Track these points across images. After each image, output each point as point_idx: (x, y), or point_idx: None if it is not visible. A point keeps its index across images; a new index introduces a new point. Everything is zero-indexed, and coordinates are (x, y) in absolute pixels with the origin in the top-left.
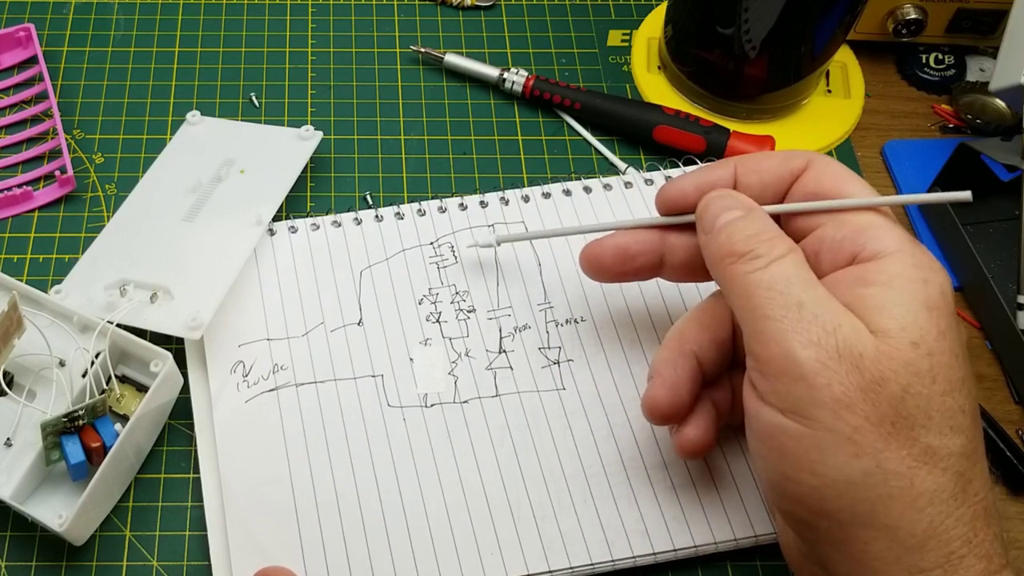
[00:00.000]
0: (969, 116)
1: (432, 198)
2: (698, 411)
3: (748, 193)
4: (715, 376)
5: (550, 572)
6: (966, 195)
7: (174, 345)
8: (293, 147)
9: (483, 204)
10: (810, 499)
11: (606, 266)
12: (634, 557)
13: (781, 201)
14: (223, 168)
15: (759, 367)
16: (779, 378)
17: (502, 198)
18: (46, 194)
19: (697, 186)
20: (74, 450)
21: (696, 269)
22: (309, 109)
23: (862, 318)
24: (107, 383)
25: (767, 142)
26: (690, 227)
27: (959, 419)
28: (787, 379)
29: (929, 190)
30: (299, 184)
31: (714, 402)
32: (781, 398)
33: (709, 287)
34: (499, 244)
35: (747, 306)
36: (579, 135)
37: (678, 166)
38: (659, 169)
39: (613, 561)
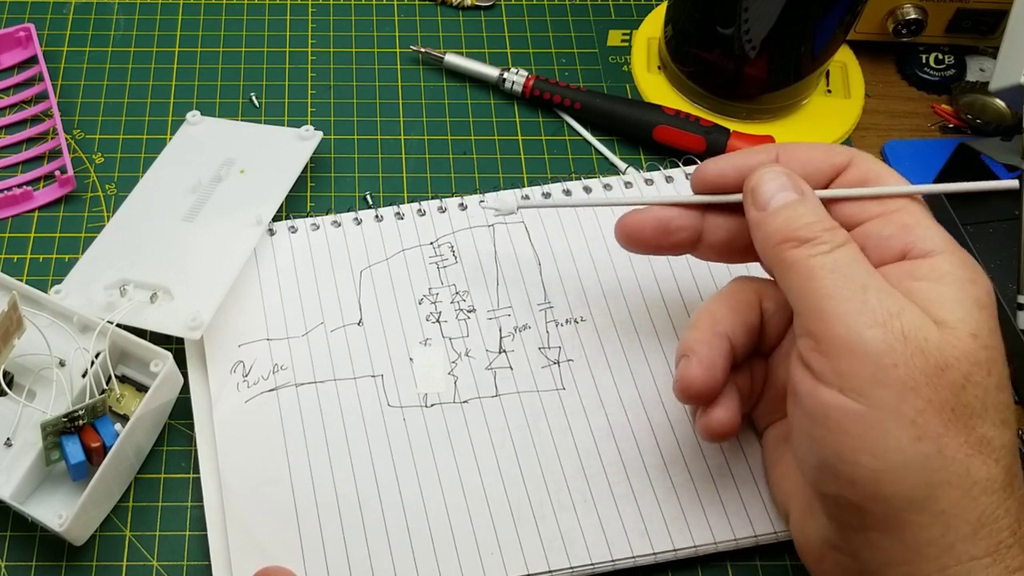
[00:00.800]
0: (969, 116)
1: (432, 198)
2: (725, 394)
3: None
4: (741, 362)
5: (550, 572)
6: (1012, 183)
7: (174, 345)
8: (293, 147)
9: (483, 204)
10: (867, 482)
11: (645, 238)
12: (634, 557)
13: None
14: (223, 168)
15: (819, 347)
16: (842, 357)
17: None
18: (46, 194)
19: (737, 169)
20: (74, 450)
21: (734, 250)
22: (309, 109)
23: (921, 309)
24: (107, 383)
25: (767, 142)
26: (729, 208)
27: (1008, 414)
28: (852, 358)
29: None
30: (299, 184)
31: (738, 387)
32: (843, 378)
33: (717, 278)
34: (518, 211)
35: (808, 287)
36: (579, 135)
37: (678, 166)
38: (659, 169)
39: (613, 561)
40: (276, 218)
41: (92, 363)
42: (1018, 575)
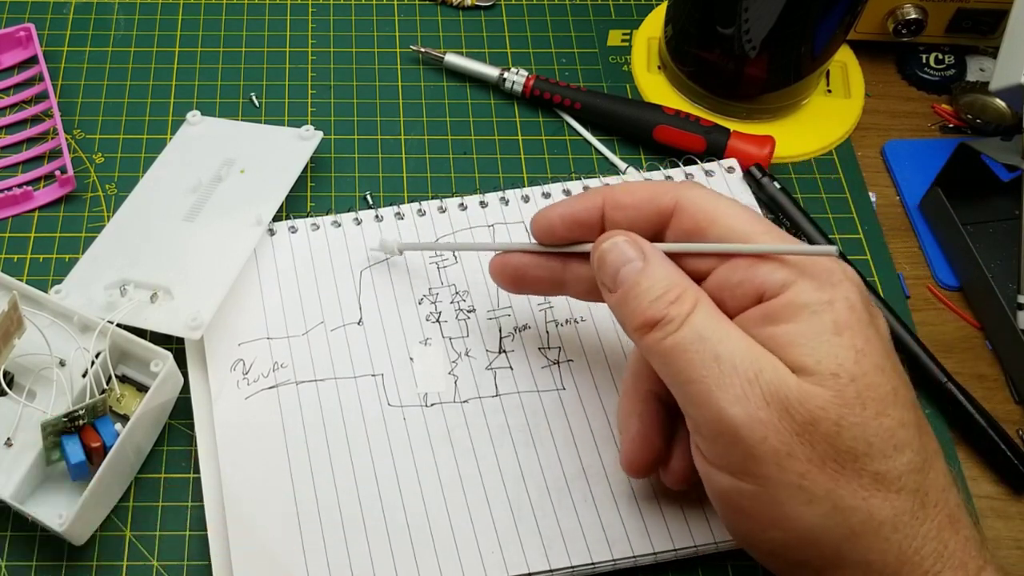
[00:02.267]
0: (969, 116)
1: (432, 198)
2: (677, 442)
3: (616, 227)
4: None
5: (551, 571)
6: (832, 249)
7: (174, 345)
8: (293, 147)
9: (483, 204)
10: (781, 552)
11: (507, 279)
12: (634, 557)
13: (654, 237)
14: (223, 168)
15: (698, 430)
16: (717, 440)
17: (502, 198)
18: (46, 194)
19: (562, 218)
20: (74, 450)
21: (598, 293)
22: (309, 109)
23: (780, 358)
24: (107, 383)
25: (767, 142)
26: (583, 255)
27: (899, 435)
28: (725, 440)
29: (929, 190)
30: (299, 184)
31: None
32: (726, 460)
33: None
34: (401, 252)
35: (669, 372)
36: (579, 135)
37: (678, 166)
38: (659, 169)
39: (614, 561)
40: (276, 218)
41: (92, 363)
42: None
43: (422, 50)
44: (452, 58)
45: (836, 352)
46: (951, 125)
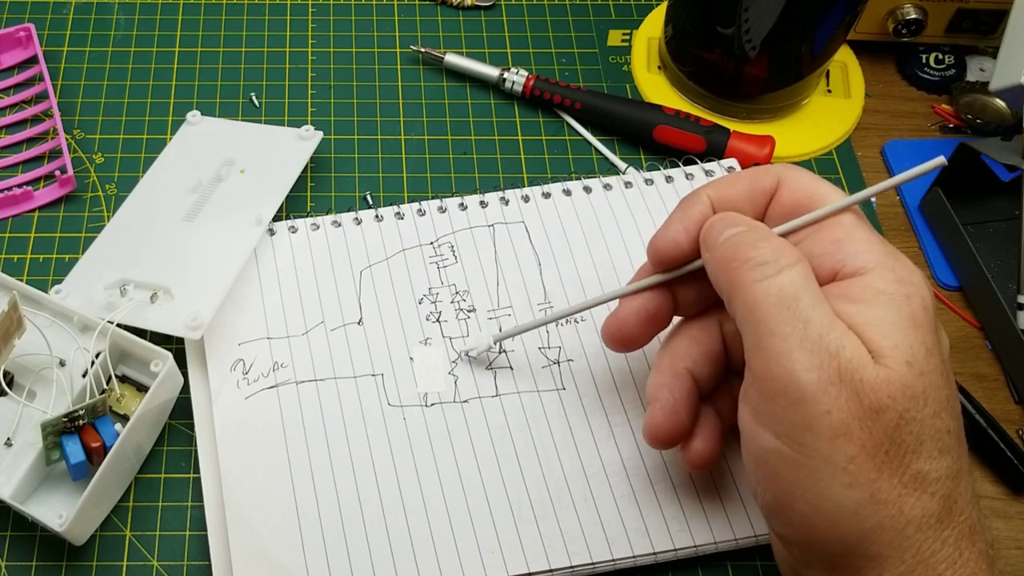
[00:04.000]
0: (969, 116)
1: (432, 198)
2: (702, 424)
3: None
4: (711, 389)
5: (551, 571)
6: (939, 160)
7: (174, 345)
8: (293, 147)
9: (483, 204)
10: (802, 526)
11: (636, 335)
12: (634, 557)
13: (761, 221)
14: (223, 168)
15: (757, 384)
16: (777, 399)
17: (502, 198)
18: (46, 194)
19: (686, 230)
20: (74, 450)
21: (709, 301)
22: (309, 109)
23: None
24: (107, 383)
25: (767, 142)
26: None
27: (946, 440)
28: (785, 401)
29: (929, 190)
30: (299, 184)
31: (717, 410)
32: (777, 421)
33: None
34: (496, 343)
35: (751, 319)
36: (579, 135)
37: (678, 166)
38: (659, 169)
39: (614, 560)
40: (276, 218)
41: (92, 363)
42: None
43: (422, 50)
44: (452, 58)
45: (911, 343)
46: (951, 125)
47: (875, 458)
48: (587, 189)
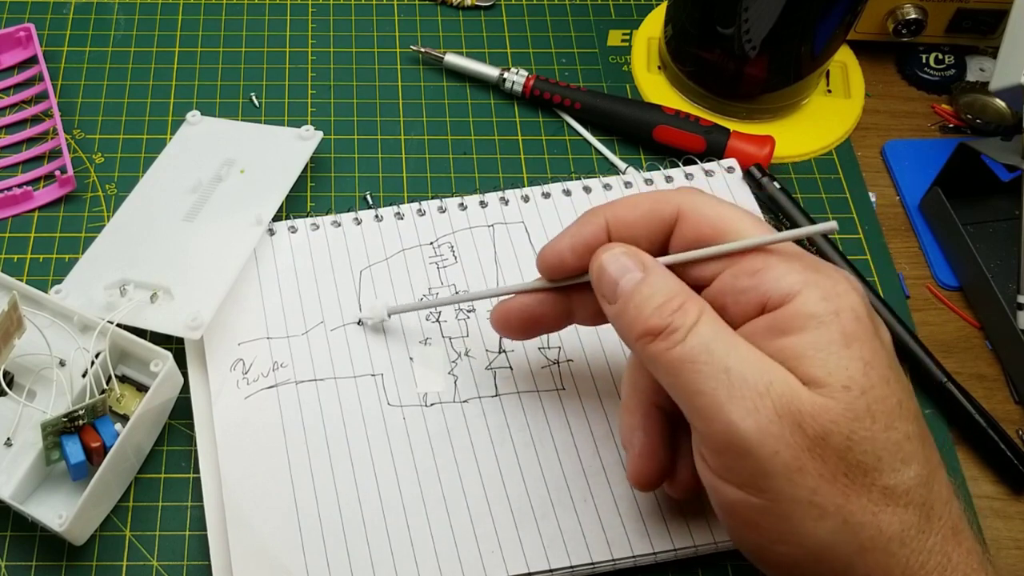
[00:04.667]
0: (969, 116)
1: (432, 198)
2: (682, 453)
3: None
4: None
5: (550, 571)
6: (831, 226)
7: (174, 345)
8: (293, 147)
9: (483, 204)
10: (789, 567)
11: (514, 328)
12: (634, 557)
13: (660, 250)
14: (223, 168)
15: (705, 442)
16: (726, 453)
17: (502, 198)
18: (46, 194)
19: (573, 248)
20: (74, 450)
21: (604, 316)
22: (309, 109)
23: (789, 370)
24: (107, 383)
25: (767, 142)
26: (587, 285)
27: (906, 448)
28: (733, 454)
29: (929, 190)
30: (299, 184)
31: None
32: (734, 473)
33: None
34: (389, 316)
35: (675, 384)
36: (579, 135)
37: (678, 166)
38: (659, 169)
39: (613, 561)
40: (276, 218)
41: (92, 363)
42: None
43: (422, 50)
44: (452, 58)
45: (846, 364)
46: (951, 125)
47: (836, 484)
48: (587, 189)
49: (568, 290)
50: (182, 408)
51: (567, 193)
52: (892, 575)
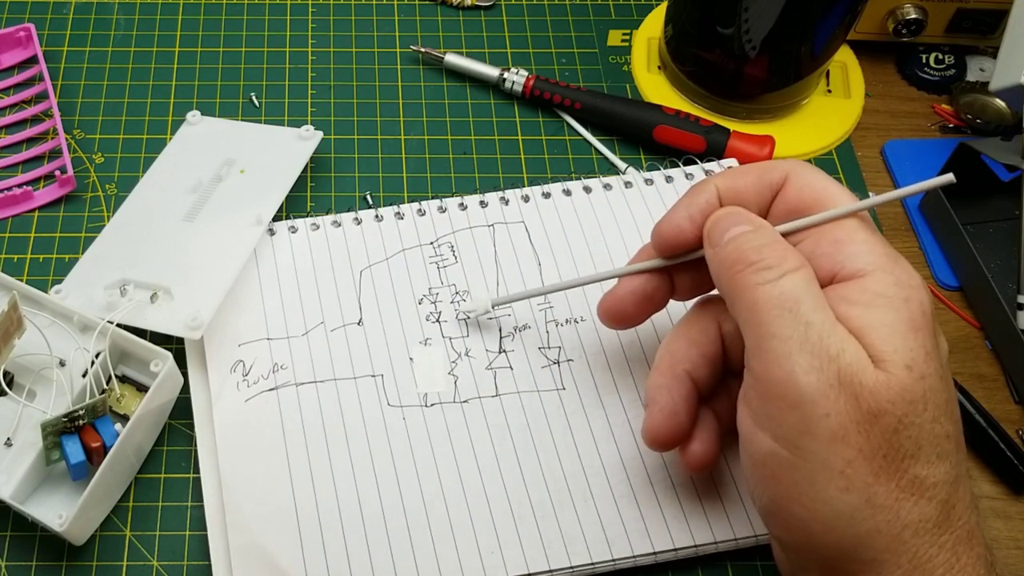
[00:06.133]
0: (969, 116)
1: (432, 198)
2: (700, 426)
3: None
4: (710, 391)
5: (550, 571)
6: (948, 178)
7: (174, 345)
8: (293, 147)
9: (483, 204)
10: (797, 529)
11: (631, 313)
12: (634, 557)
13: (765, 216)
14: (223, 168)
15: (757, 386)
16: (775, 401)
17: (502, 198)
18: (46, 194)
19: (691, 218)
20: (74, 450)
21: (704, 287)
22: (309, 109)
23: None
24: (107, 383)
25: (767, 142)
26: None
27: (944, 445)
28: (784, 404)
29: (929, 190)
30: (299, 184)
31: (715, 412)
32: (776, 423)
33: None
34: (494, 307)
35: (753, 321)
36: (579, 135)
37: (678, 166)
38: (659, 169)
39: (613, 561)
40: (276, 218)
41: (92, 363)
42: None
43: (422, 50)
44: (452, 58)
45: (911, 347)
46: (951, 125)
47: (872, 462)
48: (587, 189)
49: (672, 269)
50: (182, 408)
51: (567, 193)
52: (898, 562)
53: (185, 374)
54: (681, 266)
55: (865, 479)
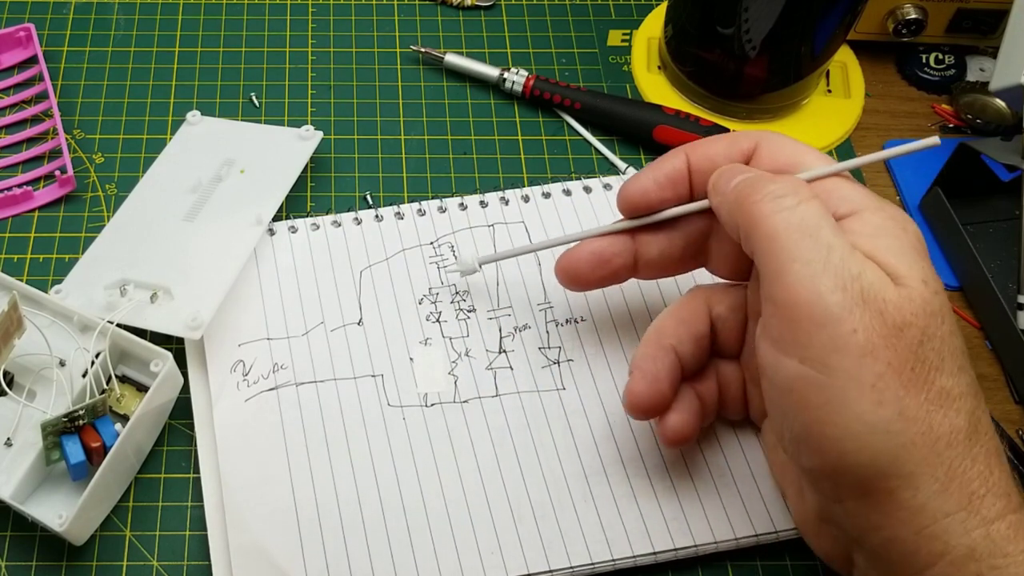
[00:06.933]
0: (969, 116)
1: (432, 198)
2: (680, 400)
3: (702, 179)
4: (695, 370)
5: (550, 571)
6: (933, 140)
7: (174, 345)
8: (293, 147)
9: (483, 204)
10: (833, 452)
11: (583, 274)
12: (634, 557)
13: None
14: (223, 168)
15: (780, 312)
16: (802, 323)
17: (502, 198)
18: (46, 194)
19: (655, 180)
20: (74, 450)
21: (669, 264)
22: (309, 109)
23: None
24: (107, 383)
25: None
26: (658, 226)
27: (962, 359)
28: (811, 325)
29: (929, 190)
30: (299, 184)
31: (699, 394)
32: (802, 346)
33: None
34: (481, 267)
35: (773, 247)
36: (579, 135)
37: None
38: None
39: (613, 561)
40: (276, 218)
41: (92, 363)
42: (996, 524)
43: (422, 50)
44: (452, 58)
45: (923, 265)
46: (951, 125)
47: (901, 375)
48: (587, 189)
49: (637, 233)
50: (182, 408)
51: (567, 193)
52: (935, 474)
53: (185, 374)
54: (646, 236)
55: (896, 392)
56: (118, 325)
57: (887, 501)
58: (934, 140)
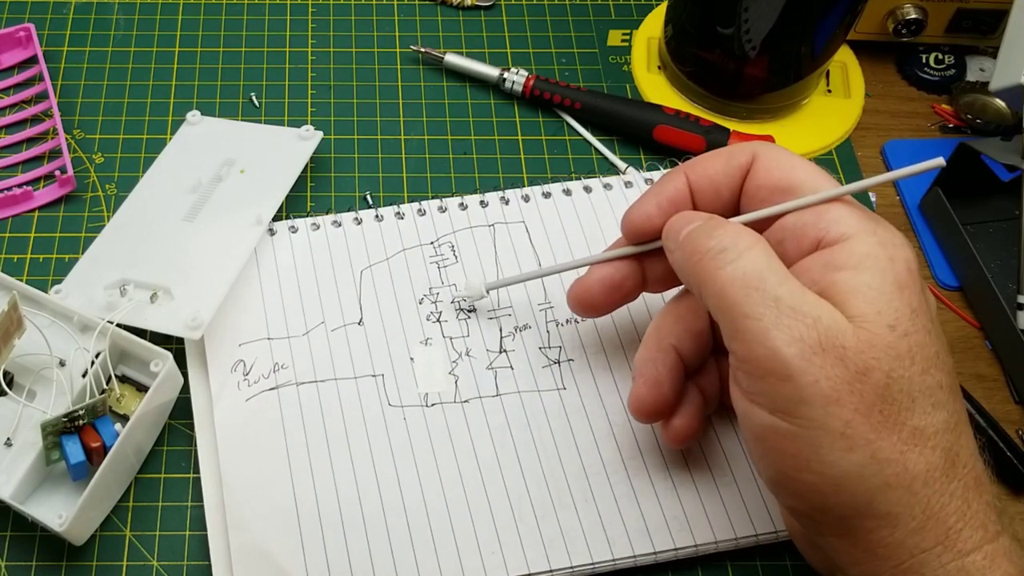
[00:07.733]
0: (969, 116)
1: (432, 198)
2: (684, 401)
3: (704, 197)
4: (697, 365)
5: (551, 571)
6: (938, 161)
7: (174, 345)
8: (293, 147)
9: (483, 204)
10: (810, 495)
11: (597, 302)
12: (635, 556)
13: (738, 199)
14: (223, 168)
15: (743, 367)
16: (765, 378)
17: (502, 198)
18: (46, 194)
19: (658, 205)
20: (74, 450)
21: (676, 278)
22: (309, 109)
23: (837, 305)
24: (107, 383)
25: (766, 140)
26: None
27: (938, 395)
28: (773, 379)
29: (929, 190)
30: (299, 184)
31: (700, 388)
32: (769, 398)
33: None
34: (488, 292)
35: (723, 305)
36: (579, 135)
37: (678, 165)
38: (659, 169)
39: (614, 560)
40: (276, 218)
41: (92, 363)
42: (972, 556)
43: (422, 50)
44: (452, 58)
45: (896, 306)
46: (951, 125)
47: (870, 419)
48: (587, 189)
49: (643, 254)
50: (182, 408)
51: (567, 193)
52: (912, 513)
53: (185, 374)
54: (652, 255)
55: (866, 436)
56: (118, 325)
57: (865, 539)
58: (939, 161)
